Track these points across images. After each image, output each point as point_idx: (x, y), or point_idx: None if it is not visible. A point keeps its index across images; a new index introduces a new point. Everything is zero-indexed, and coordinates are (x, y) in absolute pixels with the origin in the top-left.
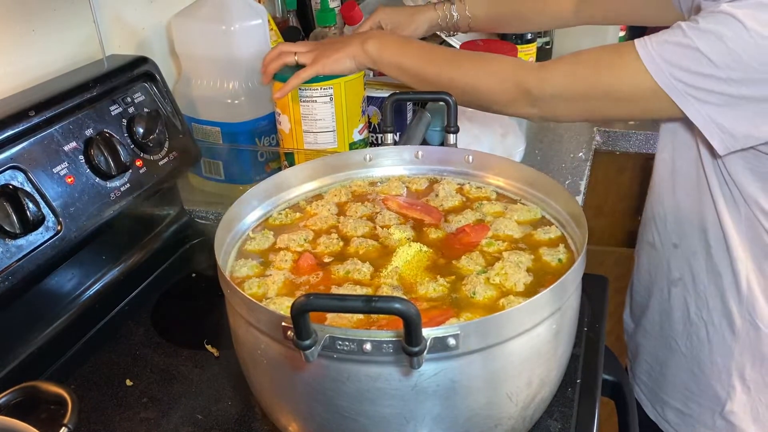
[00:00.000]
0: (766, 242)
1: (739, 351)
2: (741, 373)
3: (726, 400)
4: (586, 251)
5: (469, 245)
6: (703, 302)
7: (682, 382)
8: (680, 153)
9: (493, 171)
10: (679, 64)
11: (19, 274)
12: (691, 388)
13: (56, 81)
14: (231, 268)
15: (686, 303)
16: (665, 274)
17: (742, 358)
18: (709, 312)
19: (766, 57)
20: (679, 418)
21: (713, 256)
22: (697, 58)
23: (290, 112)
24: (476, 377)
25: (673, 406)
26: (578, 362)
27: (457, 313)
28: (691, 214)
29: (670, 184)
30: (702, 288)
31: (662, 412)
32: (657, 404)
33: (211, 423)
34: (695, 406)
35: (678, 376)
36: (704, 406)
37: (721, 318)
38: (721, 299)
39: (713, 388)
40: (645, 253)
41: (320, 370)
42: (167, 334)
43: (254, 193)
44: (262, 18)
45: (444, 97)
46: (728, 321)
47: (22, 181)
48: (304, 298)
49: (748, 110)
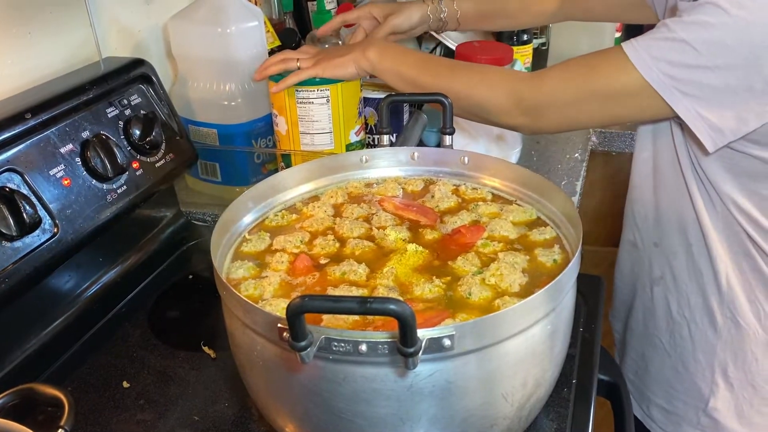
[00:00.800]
0: (743, 240)
1: (721, 348)
2: (724, 371)
3: (709, 397)
4: (582, 252)
5: (465, 246)
6: (685, 300)
7: (666, 379)
8: (659, 153)
9: (488, 172)
10: (665, 58)
11: (15, 276)
12: (675, 386)
13: (53, 83)
14: (227, 269)
15: (668, 301)
16: (647, 273)
17: (724, 356)
18: (690, 310)
19: (748, 39)
20: (664, 416)
21: (693, 255)
22: (682, 49)
23: (287, 113)
24: (472, 378)
25: (658, 404)
26: (574, 362)
27: (453, 314)
28: (671, 214)
29: (650, 184)
30: (683, 286)
31: (648, 410)
32: (643, 402)
33: (208, 424)
34: (679, 403)
35: (662, 374)
36: (688, 404)
37: (703, 316)
38: (702, 297)
39: (697, 386)
40: (626, 251)
41: (316, 371)
42: (164, 336)
43: (250, 195)
44: (258, 20)
45: (440, 98)
46: (710, 319)
47: (19, 184)
48: (300, 299)
49: (736, 103)
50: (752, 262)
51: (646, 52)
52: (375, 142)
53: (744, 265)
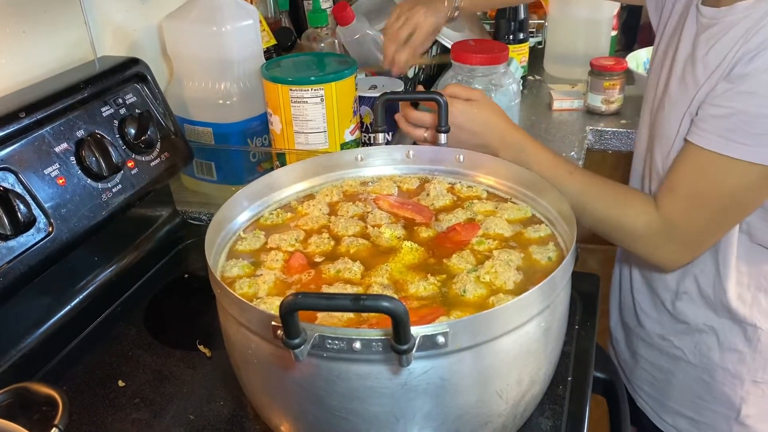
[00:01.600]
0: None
1: (751, 356)
2: (753, 377)
3: (741, 405)
4: (577, 249)
5: (460, 244)
6: (712, 312)
7: (692, 390)
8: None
9: (483, 170)
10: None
11: (10, 275)
12: (703, 396)
13: (47, 82)
14: (222, 268)
15: (693, 313)
16: (666, 284)
17: (754, 363)
18: (719, 320)
19: None
20: (693, 426)
21: (719, 266)
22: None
23: (281, 112)
24: (466, 375)
25: (684, 414)
26: (569, 360)
27: (447, 312)
28: None
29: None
30: (707, 294)
31: (673, 421)
32: (665, 414)
33: (203, 423)
34: (709, 413)
35: (686, 385)
36: (719, 413)
37: (733, 325)
38: (728, 308)
39: (726, 395)
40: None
41: (310, 369)
42: (160, 335)
43: (245, 194)
44: (253, 19)
45: (435, 97)
46: (740, 328)
47: (13, 183)
48: (293, 297)
49: None
50: None
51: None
52: (370, 141)
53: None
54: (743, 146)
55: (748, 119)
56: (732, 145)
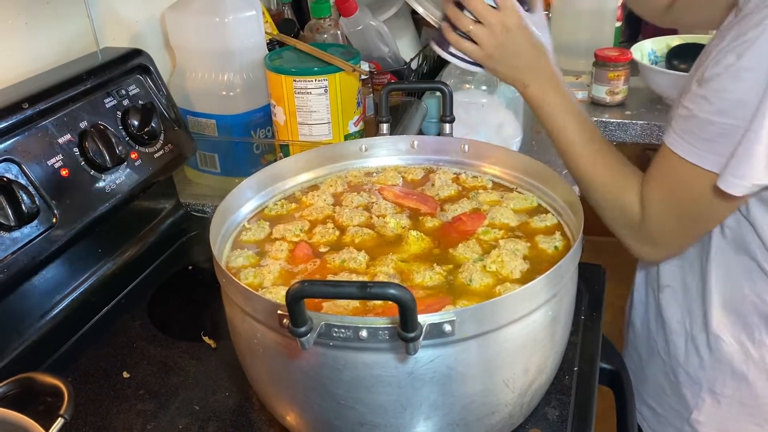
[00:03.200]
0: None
1: (711, 366)
2: (711, 387)
3: (693, 409)
4: (583, 240)
5: (466, 234)
6: (687, 313)
7: (658, 382)
8: None
9: (489, 160)
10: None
11: (14, 266)
12: (666, 391)
13: (50, 74)
14: (226, 258)
15: (672, 310)
16: (655, 277)
17: (714, 372)
18: (692, 323)
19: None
20: (653, 416)
21: (706, 269)
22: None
23: (285, 103)
24: (472, 364)
25: (648, 403)
26: (576, 350)
27: (454, 301)
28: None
29: None
30: (691, 300)
31: (638, 406)
32: (637, 398)
33: (209, 414)
34: (668, 407)
35: (655, 376)
36: (675, 410)
37: (701, 332)
38: (703, 313)
39: (684, 396)
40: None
41: (316, 358)
42: (164, 327)
43: (249, 184)
44: (256, 9)
45: (440, 86)
46: (707, 336)
47: (17, 174)
48: (299, 284)
49: None
50: (752, 286)
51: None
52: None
53: (746, 289)
54: (696, 150)
55: (698, 123)
56: (687, 147)
